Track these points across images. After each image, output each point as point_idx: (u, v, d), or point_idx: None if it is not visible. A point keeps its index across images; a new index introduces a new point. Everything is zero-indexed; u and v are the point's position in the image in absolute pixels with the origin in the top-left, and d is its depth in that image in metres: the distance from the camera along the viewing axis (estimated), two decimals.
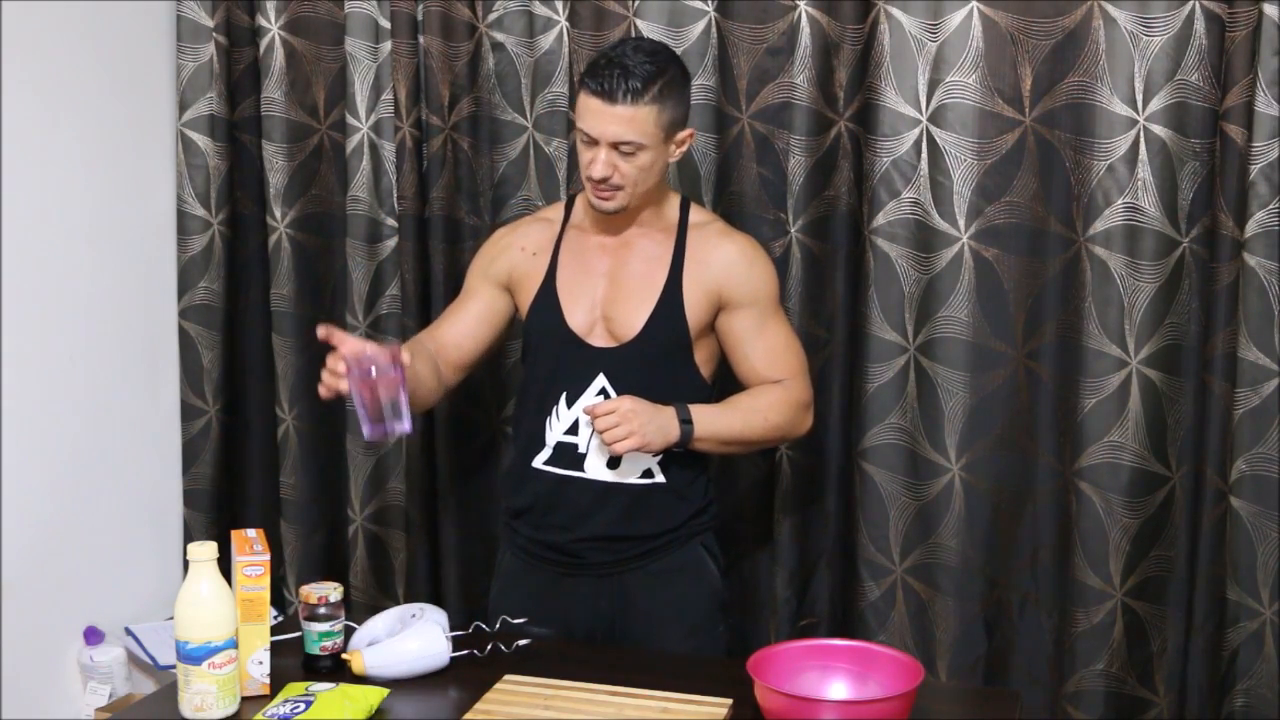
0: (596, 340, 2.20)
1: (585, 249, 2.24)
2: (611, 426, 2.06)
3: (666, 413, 2.11)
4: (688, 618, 2.24)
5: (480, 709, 1.85)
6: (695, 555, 2.25)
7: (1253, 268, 2.18)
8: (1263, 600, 2.25)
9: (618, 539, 2.20)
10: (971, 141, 2.35)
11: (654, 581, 2.22)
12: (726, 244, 2.21)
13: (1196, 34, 2.19)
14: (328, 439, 2.89)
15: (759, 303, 2.21)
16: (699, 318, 2.18)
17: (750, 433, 2.20)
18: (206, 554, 1.84)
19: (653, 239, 2.21)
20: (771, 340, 2.22)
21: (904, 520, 2.47)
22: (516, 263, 2.28)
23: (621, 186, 2.12)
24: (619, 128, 2.07)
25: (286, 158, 2.80)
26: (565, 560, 2.23)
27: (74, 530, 2.61)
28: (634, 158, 2.09)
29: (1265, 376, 2.20)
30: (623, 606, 2.22)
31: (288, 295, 2.84)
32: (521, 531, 2.27)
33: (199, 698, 1.83)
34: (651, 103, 2.06)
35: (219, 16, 2.76)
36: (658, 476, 2.19)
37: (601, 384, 2.18)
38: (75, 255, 2.61)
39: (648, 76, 2.06)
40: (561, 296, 2.22)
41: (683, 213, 2.24)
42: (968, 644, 2.48)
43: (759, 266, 2.22)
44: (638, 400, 2.10)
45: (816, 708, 1.76)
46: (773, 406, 2.20)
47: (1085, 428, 2.33)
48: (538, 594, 2.24)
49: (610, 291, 2.20)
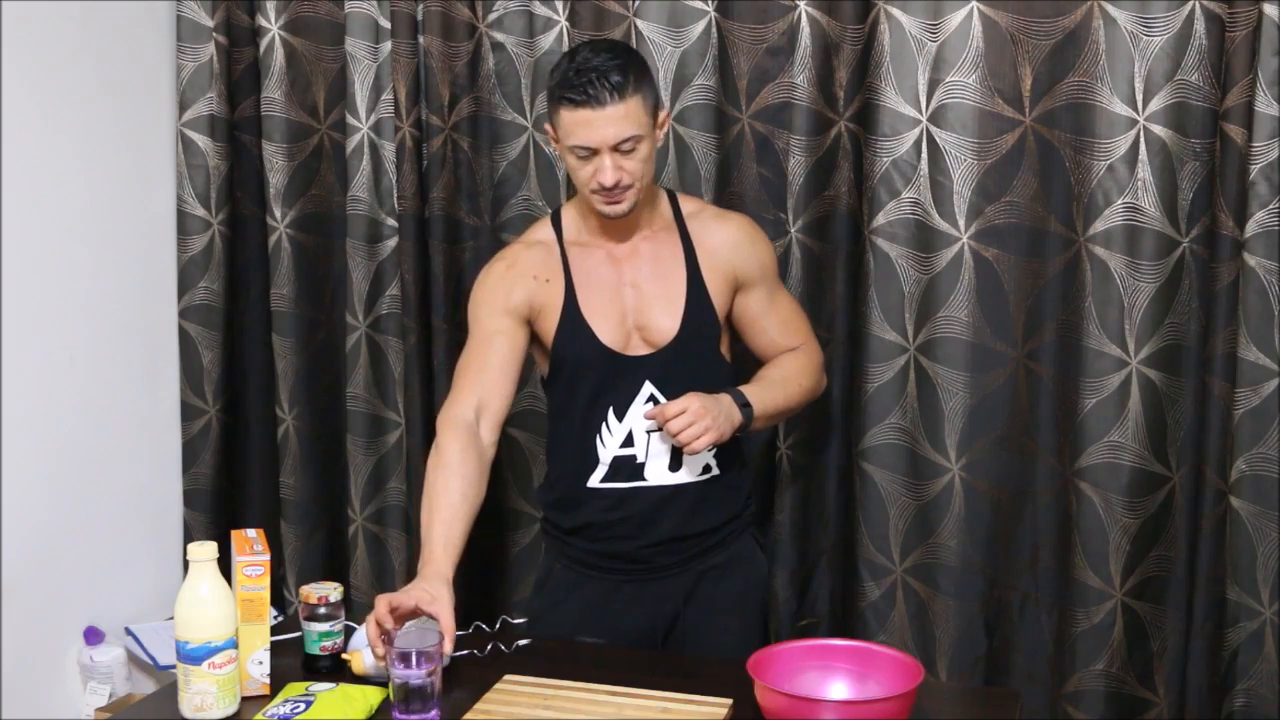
0: (635, 350, 2.18)
1: (596, 264, 2.20)
2: (686, 427, 2.05)
3: (725, 401, 2.11)
4: (745, 608, 2.26)
5: (480, 709, 1.85)
6: (749, 545, 2.29)
7: (1253, 268, 2.18)
8: (1263, 600, 2.25)
9: (684, 539, 2.20)
10: (971, 141, 2.35)
11: (716, 575, 2.23)
12: (727, 225, 2.23)
13: (1196, 34, 2.19)
14: (328, 439, 2.89)
15: (767, 276, 2.25)
16: (723, 304, 2.21)
17: (791, 401, 2.23)
18: (206, 554, 1.84)
19: (658, 239, 2.20)
20: (783, 310, 2.27)
21: (904, 520, 2.48)
22: (534, 292, 2.19)
23: (631, 185, 2.10)
24: (616, 128, 2.05)
25: (286, 158, 2.80)
26: (630, 567, 2.21)
27: (74, 530, 2.61)
28: (635, 152, 2.08)
29: (1265, 376, 2.20)
30: (686, 604, 2.21)
31: (288, 295, 2.84)
32: (577, 545, 2.24)
33: (199, 698, 1.83)
34: (635, 92, 2.06)
35: (219, 16, 2.76)
36: (715, 470, 2.20)
37: (649, 391, 2.16)
38: (75, 255, 2.61)
39: (622, 70, 2.05)
40: (588, 316, 2.18)
41: (674, 206, 2.24)
42: (968, 644, 2.48)
43: (760, 241, 2.26)
44: (701, 396, 2.09)
45: (816, 708, 1.76)
46: (802, 371, 2.25)
47: (1085, 428, 2.33)
48: (593, 604, 2.22)
49: (638, 300, 2.18)
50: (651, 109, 2.10)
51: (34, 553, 2.50)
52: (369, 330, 2.81)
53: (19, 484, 2.46)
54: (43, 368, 2.53)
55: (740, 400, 2.12)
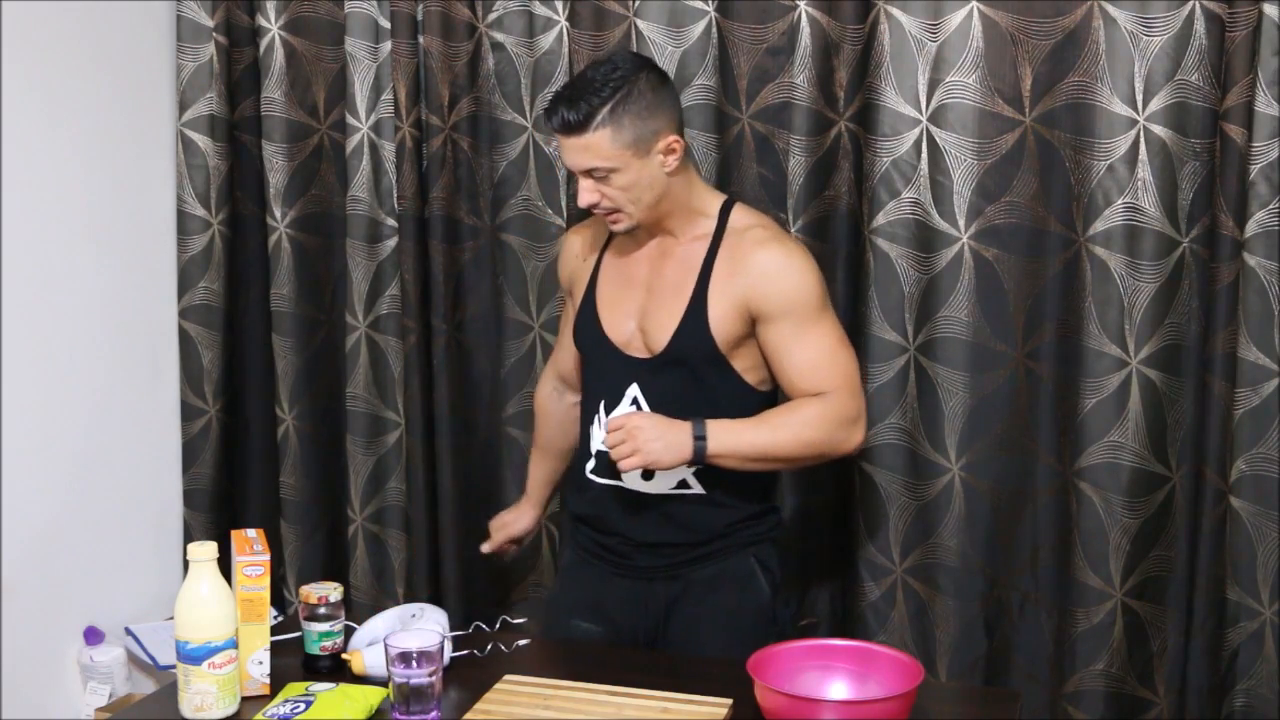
0: (633, 351, 2.16)
1: (629, 257, 2.20)
2: (619, 443, 2.02)
3: (680, 428, 2.02)
4: (734, 627, 2.17)
5: (480, 709, 1.85)
6: (746, 566, 2.19)
7: (1253, 268, 2.18)
8: (1263, 600, 2.25)
9: (661, 545, 2.18)
10: (971, 141, 2.35)
11: (700, 589, 2.18)
12: (759, 253, 2.10)
13: (1196, 34, 2.19)
14: (328, 439, 2.89)
15: (793, 313, 2.08)
16: (727, 329, 2.09)
17: (779, 449, 2.08)
18: (206, 554, 1.84)
19: (689, 247, 2.14)
20: (811, 351, 2.09)
21: (904, 520, 2.47)
22: (574, 269, 2.29)
23: (618, 208, 2.09)
24: (579, 157, 2.04)
25: (286, 158, 2.80)
26: (620, 561, 2.22)
27: (74, 530, 2.61)
28: (609, 181, 2.05)
29: (1265, 376, 2.20)
30: (668, 611, 2.20)
31: (288, 295, 2.84)
32: (583, 530, 2.27)
33: (199, 698, 1.83)
34: (602, 126, 2.01)
35: (219, 16, 2.76)
36: (695, 488, 2.14)
37: (634, 395, 2.14)
38: (75, 255, 2.61)
39: (594, 104, 2.01)
40: (600, 306, 2.19)
41: (722, 217, 2.15)
42: (968, 644, 2.48)
43: (792, 275, 2.09)
44: (649, 416, 2.05)
45: (816, 708, 1.76)
46: (808, 422, 2.07)
47: (1085, 428, 2.32)
48: (593, 590, 2.24)
49: (647, 302, 2.16)
50: (631, 141, 2.03)
51: (34, 553, 2.50)
52: (369, 330, 2.81)
53: (19, 484, 2.46)
54: (43, 368, 2.53)
55: (698, 433, 2.03)
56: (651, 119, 2.04)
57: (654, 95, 2.05)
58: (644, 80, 2.05)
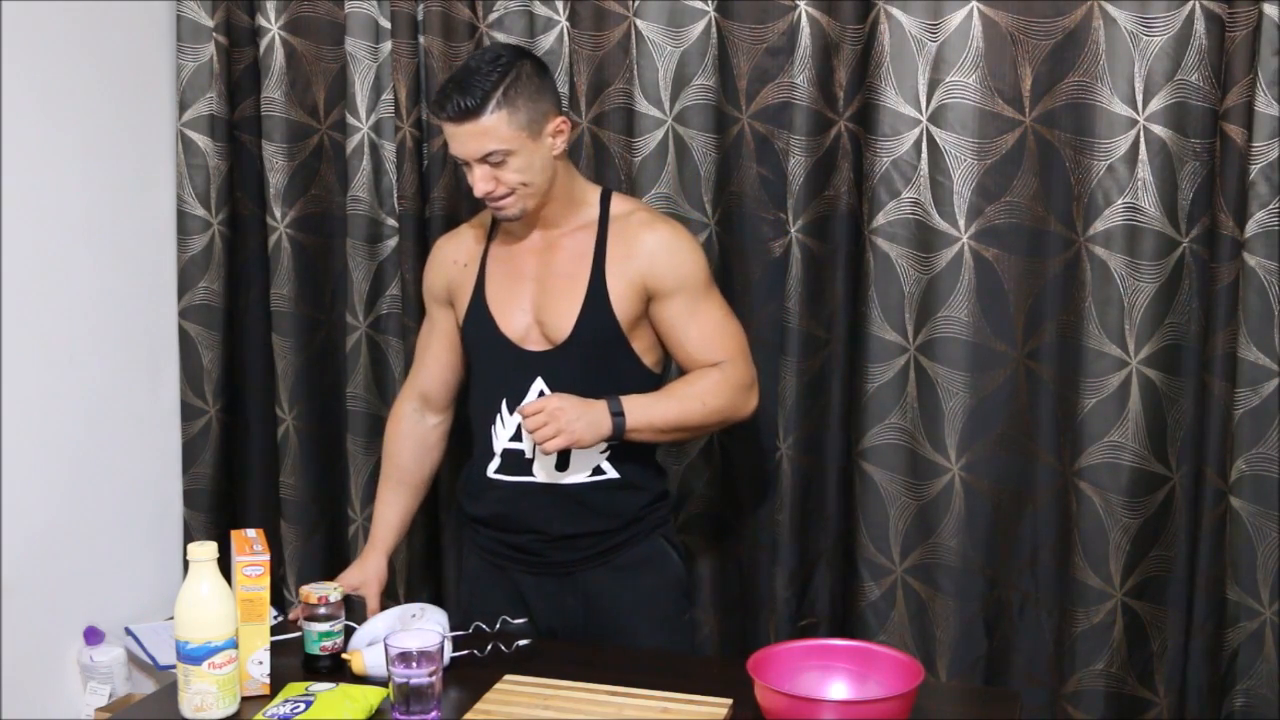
0: (532, 345, 2.20)
1: (514, 254, 2.24)
2: (540, 426, 2.06)
3: (598, 406, 2.10)
4: (655, 610, 2.25)
5: (480, 709, 1.85)
6: (657, 547, 2.27)
7: (1253, 268, 2.18)
8: (1263, 600, 2.25)
9: (577, 537, 2.21)
10: (971, 141, 2.35)
11: (618, 576, 2.23)
12: (647, 234, 2.19)
13: (1196, 34, 2.19)
14: (328, 439, 2.89)
15: (686, 288, 2.18)
16: (628, 310, 2.17)
17: (688, 418, 2.18)
18: (206, 554, 1.84)
19: (575, 237, 2.21)
20: (705, 324, 2.20)
21: (904, 520, 2.47)
22: (451, 277, 2.30)
23: (511, 192, 2.13)
24: (475, 143, 2.08)
25: (286, 158, 2.80)
26: (529, 560, 2.24)
27: (74, 530, 2.61)
28: (506, 165, 2.10)
29: (1265, 376, 2.20)
30: (588, 603, 2.23)
31: (288, 295, 2.84)
32: (483, 533, 2.29)
33: (199, 698, 1.83)
34: (497, 109, 2.06)
35: (219, 16, 2.76)
36: (610, 473, 2.20)
37: (540, 388, 2.18)
38: (75, 255, 2.61)
39: (486, 87, 2.06)
40: (492, 305, 2.22)
41: (603, 205, 2.23)
42: (968, 644, 2.48)
43: (682, 253, 2.19)
44: (565, 397, 2.10)
45: (816, 708, 1.76)
46: (710, 390, 2.18)
47: (1085, 428, 2.33)
48: (508, 594, 2.26)
49: (540, 295, 2.20)
50: (524, 123, 2.09)
51: (34, 553, 2.50)
52: (369, 330, 2.81)
53: (19, 484, 2.46)
54: (43, 368, 2.53)
55: (615, 409, 2.10)
56: (540, 100, 2.12)
57: (540, 79, 2.13)
58: (529, 65, 2.13)
